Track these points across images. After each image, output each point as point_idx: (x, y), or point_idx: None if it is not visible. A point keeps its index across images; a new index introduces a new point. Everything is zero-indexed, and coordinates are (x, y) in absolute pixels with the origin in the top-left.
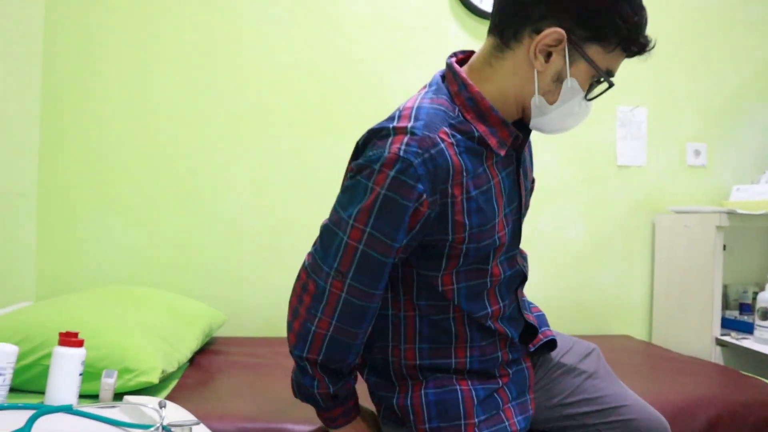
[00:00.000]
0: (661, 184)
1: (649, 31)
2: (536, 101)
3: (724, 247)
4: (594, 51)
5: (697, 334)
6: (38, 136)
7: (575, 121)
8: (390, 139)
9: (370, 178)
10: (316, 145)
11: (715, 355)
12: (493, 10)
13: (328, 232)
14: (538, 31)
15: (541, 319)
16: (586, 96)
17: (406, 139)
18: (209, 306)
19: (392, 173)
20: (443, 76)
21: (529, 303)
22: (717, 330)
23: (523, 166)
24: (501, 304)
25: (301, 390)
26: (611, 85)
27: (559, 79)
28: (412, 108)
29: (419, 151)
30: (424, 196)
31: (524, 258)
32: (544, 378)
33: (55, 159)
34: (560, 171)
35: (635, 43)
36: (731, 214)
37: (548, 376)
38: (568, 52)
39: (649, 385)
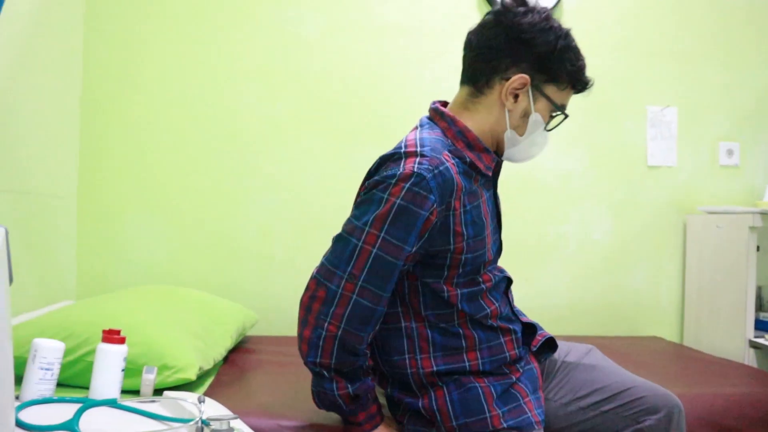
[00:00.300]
0: (692, 185)
1: (680, 29)
2: (509, 134)
3: (758, 248)
4: (551, 90)
5: (729, 336)
6: (78, 140)
7: (538, 149)
8: (403, 160)
9: (386, 191)
10: (348, 148)
11: (749, 358)
12: (464, 66)
13: (341, 240)
14: (507, 78)
15: (536, 324)
16: (546, 127)
17: (418, 159)
18: (242, 306)
19: (407, 185)
20: (430, 118)
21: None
22: (750, 332)
23: (497, 193)
24: (496, 305)
25: (322, 398)
26: (566, 116)
27: (525, 115)
28: (415, 139)
29: (430, 167)
30: (435, 206)
31: (501, 270)
32: (554, 379)
33: (95, 162)
34: (590, 172)
35: (580, 81)
36: (765, 214)
37: (557, 377)
38: (531, 93)
39: (680, 386)
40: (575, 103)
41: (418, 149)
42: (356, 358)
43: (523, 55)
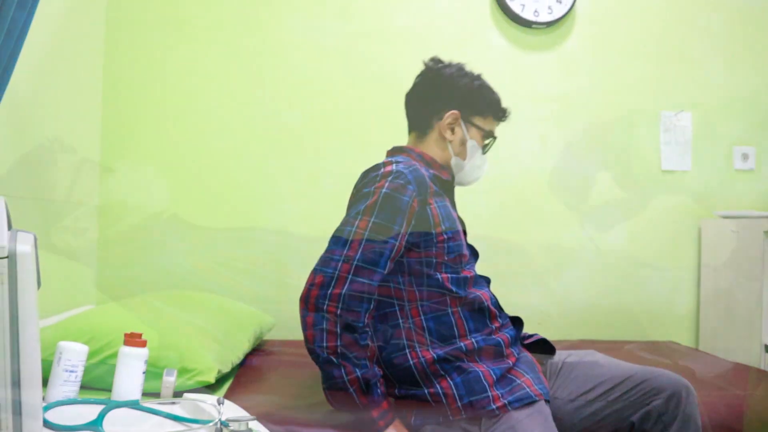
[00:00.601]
0: (707, 189)
1: (693, 34)
2: (454, 161)
3: None
4: (477, 120)
5: (745, 341)
6: (99, 148)
7: (481, 171)
8: (383, 167)
9: (372, 185)
10: (362, 155)
11: (765, 363)
12: (408, 118)
13: (337, 233)
14: (441, 117)
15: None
16: (483, 151)
17: (395, 164)
18: (259, 310)
19: (390, 178)
20: (390, 156)
21: None
22: (766, 336)
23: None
24: (484, 290)
25: (334, 391)
26: (495, 138)
27: (463, 143)
28: (389, 160)
29: (406, 166)
30: (415, 194)
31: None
32: (558, 379)
33: (115, 169)
34: (604, 177)
35: (499, 110)
36: None
37: (561, 377)
38: (464, 124)
39: (696, 390)
40: (589, 107)
41: (394, 162)
42: (358, 337)
43: (450, 97)
